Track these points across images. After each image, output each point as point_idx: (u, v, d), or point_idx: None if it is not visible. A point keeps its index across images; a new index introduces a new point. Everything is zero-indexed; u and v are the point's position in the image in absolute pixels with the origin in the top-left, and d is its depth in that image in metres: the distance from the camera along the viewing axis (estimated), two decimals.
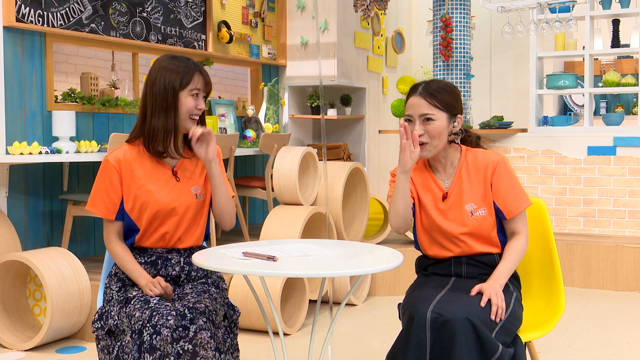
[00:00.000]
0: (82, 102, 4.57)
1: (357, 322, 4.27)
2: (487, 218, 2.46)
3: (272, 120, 6.16)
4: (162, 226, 2.46)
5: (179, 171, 2.51)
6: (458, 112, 2.50)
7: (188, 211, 2.48)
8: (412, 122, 2.46)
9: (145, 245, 2.49)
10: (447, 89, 2.48)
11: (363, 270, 2.21)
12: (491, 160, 2.48)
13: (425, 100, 2.44)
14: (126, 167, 2.45)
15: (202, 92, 2.49)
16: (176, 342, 2.18)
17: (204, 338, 2.21)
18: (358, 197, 5.02)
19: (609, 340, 3.89)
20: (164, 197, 2.45)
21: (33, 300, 3.95)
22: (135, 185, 2.44)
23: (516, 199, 2.45)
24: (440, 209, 2.49)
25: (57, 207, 4.51)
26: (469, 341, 2.16)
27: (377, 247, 2.54)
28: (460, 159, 2.53)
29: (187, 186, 2.50)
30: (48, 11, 4.35)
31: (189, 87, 2.45)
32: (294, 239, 2.96)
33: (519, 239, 2.47)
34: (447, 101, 2.46)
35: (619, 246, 5.12)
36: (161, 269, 2.49)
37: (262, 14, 6.27)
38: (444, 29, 5.81)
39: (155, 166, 2.48)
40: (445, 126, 2.45)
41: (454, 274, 2.52)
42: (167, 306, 2.25)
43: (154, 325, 2.19)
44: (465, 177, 2.49)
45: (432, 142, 2.45)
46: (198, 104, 2.46)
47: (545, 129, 6.01)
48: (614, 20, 6.11)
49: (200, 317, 2.23)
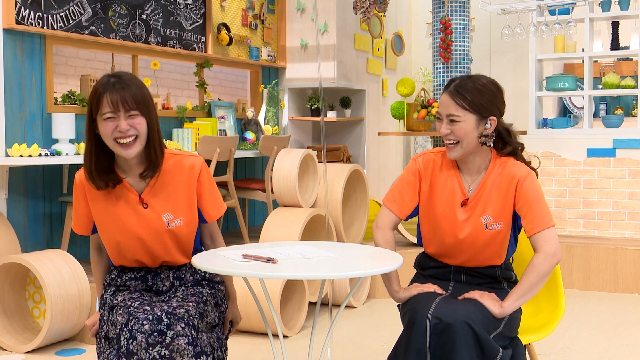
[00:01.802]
0: (82, 104, 4.57)
1: (357, 325, 4.27)
2: (501, 233, 2.38)
3: (271, 123, 6.16)
4: (132, 254, 2.32)
5: (147, 197, 2.30)
6: (491, 113, 2.35)
7: (159, 239, 2.30)
8: (441, 119, 2.38)
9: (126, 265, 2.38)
10: (482, 89, 2.34)
11: (363, 272, 2.21)
12: (518, 175, 2.36)
13: (453, 100, 2.34)
14: (89, 191, 2.31)
15: (119, 112, 2.19)
16: (152, 347, 2.07)
17: (181, 344, 2.08)
18: (358, 199, 5.02)
19: (608, 343, 3.89)
20: (128, 228, 2.28)
21: (32, 302, 3.94)
22: (97, 208, 2.31)
23: (536, 218, 2.32)
24: (456, 214, 2.40)
25: (56, 209, 4.51)
26: (469, 345, 2.16)
27: (376, 249, 2.54)
28: (489, 166, 2.41)
29: (156, 213, 2.29)
30: (48, 13, 4.35)
31: (99, 112, 2.20)
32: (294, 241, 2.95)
33: (535, 258, 2.31)
34: (477, 102, 2.33)
35: (618, 248, 5.12)
36: (152, 285, 2.38)
37: (261, 16, 6.27)
38: (444, 31, 5.81)
39: (119, 195, 2.29)
40: (473, 128, 2.34)
41: (453, 280, 2.50)
42: (145, 310, 2.14)
43: (130, 330, 2.09)
44: (489, 187, 2.38)
45: (461, 143, 2.35)
46: (118, 126, 2.18)
47: (544, 131, 6.01)
48: (613, 23, 6.11)
49: (178, 323, 2.11)
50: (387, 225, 2.52)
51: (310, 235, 4.57)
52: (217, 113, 5.72)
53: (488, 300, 2.29)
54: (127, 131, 2.19)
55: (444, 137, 2.38)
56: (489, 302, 2.29)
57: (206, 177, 2.37)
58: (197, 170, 2.35)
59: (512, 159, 2.41)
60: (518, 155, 2.44)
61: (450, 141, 2.37)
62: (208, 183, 2.38)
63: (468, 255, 2.44)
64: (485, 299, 2.29)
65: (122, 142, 2.20)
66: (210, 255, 2.36)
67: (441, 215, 2.43)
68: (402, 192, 2.51)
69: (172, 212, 2.31)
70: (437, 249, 2.50)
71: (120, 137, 2.20)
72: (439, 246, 2.48)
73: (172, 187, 2.32)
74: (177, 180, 2.33)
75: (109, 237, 2.33)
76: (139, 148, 2.24)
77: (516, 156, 2.43)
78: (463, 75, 2.44)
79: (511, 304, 2.30)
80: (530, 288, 2.31)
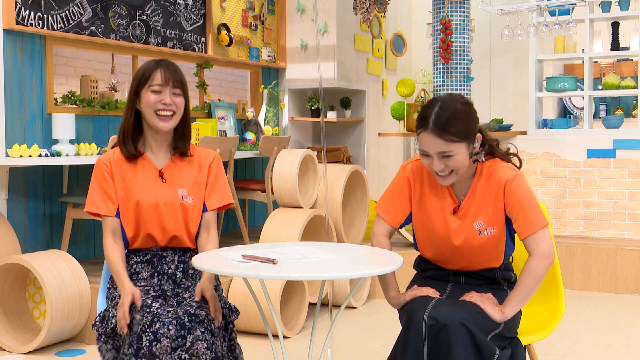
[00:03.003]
0: (82, 104, 4.57)
1: (357, 325, 4.27)
2: (495, 237, 2.37)
3: (271, 123, 6.16)
4: (147, 223, 2.49)
5: (166, 173, 2.54)
6: (475, 133, 2.30)
7: (173, 210, 2.50)
8: (430, 156, 2.29)
9: (137, 247, 2.53)
10: (460, 116, 2.26)
11: (363, 272, 2.21)
12: (505, 178, 2.33)
13: (440, 139, 2.23)
14: (116, 166, 2.52)
15: (167, 87, 2.48)
16: (174, 351, 2.20)
17: (199, 349, 2.21)
18: (358, 200, 5.02)
19: (608, 343, 3.89)
20: (148, 194, 2.49)
21: (32, 302, 3.94)
22: (123, 184, 2.51)
23: (527, 220, 2.30)
24: (448, 222, 2.40)
25: (56, 209, 4.51)
26: (465, 346, 2.16)
27: (376, 249, 2.54)
28: (476, 172, 2.39)
29: (172, 187, 2.52)
30: (48, 14, 4.35)
31: (148, 83, 2.47)
32: (294, 242, 2.96)
33: (529, 262, 2.30)
34: (463, 131, 2.25)
35: (618, 249, 5.12)
36: (157, 267, 2.52)
37: (261, 17, 6.27)
38: (444, 31, 5.82)
39: (142, 167, 2.53)
40: (466, 154, 2.28)
41: (452, 281, 2.50)
42: (168, 312, 2.26)
43: (155, 332, 2.20)
44: (479, 192, 2.37)
45: (455, 171, 2.30)
46: (162, 99, 2.46)
47: (544, 132, 6.01)
48: (613, 23, 6.12)
49: (198, 327, 2.24)
50: (383, 233, 2.52)
51: (310, 236, 4.57)
52: (217, 113, 5.72)
53: (489, 306, 2.28)
54: (170, 105, 2.47)
55: (438, 172, 2.31)
56: (490, 308, 2.28)
57: (216, 169, 2.61)
58: (210, 160, 2.60)
59: (497, 160, 2.39)
60: (496, 151, 2.41)
61: (444, 172, 2.31)
62: (216, 174, 2.60)
63: (466, 261, 2.44)
64: (485, 305, 2.28)
65: (162, 114, 2.47)
66: (210, 255, 2.37)
67: (434, 223, 2.42)
68: (394, 202, 2.50)
69: (187, 189, 2.53)
70: (434, 255, 2.50)
71: (162, 109, 2.47)
72: (436, 252, 2.48)
73: (187, 170, 2.56)
74: (193, 167, 2.58)
75: (129, 206, 2.49)
76: (174, 123, 2.51)
77: (495, 153, 2.41)
78: (429, 103, 2.32)
79: (511, 310, 2.30)
80: (527, 292, 2.31)
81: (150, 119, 2.48)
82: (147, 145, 2.56)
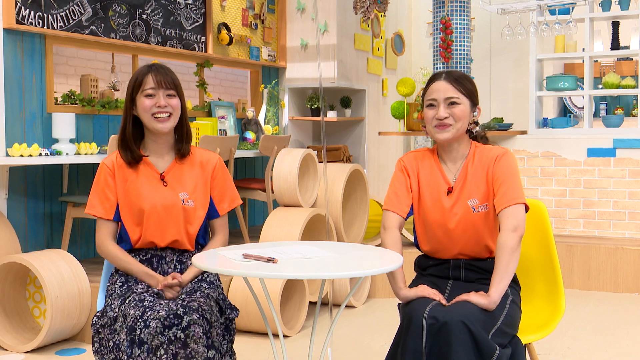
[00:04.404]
0: (82, 104, 4.57)
1: (357, 324, 4.27)
2: (489, 214, 2.45)
3: (272, 122, 6.16)
4: (148, 227, 2.52)
5: (167, 176, 2.57)
6: (477, 102, 2.54)
7: (173, 213, 2.53)
8: (435, 106, 2.48)
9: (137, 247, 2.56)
10: (468, 78, 2.52)
11: (363, 272, 2.21)
12: (497, 153, 2.48)
13: (451, 85, 2.47)
14: (119, 170, 2.56)
15: (160, 90, 2.51)
16: (168, 329, 2.20)
17: (196, 332, 2.22)
18: (358, 199, 5.02)
19: (608, 343, 3.89)
20: (149, 198, 2.52)
21: (33, 302, 3.94)
22: (125, 187, 2.55)
23: (504, 195, 2.38)
24: (443, 203, 2.48)
25: (56, 209, 4.51)
26: (465, 344, 2.16)
27: (376, 248, 2.54)
28: (469, 153, 2.52)
29: (174, 191, 2.55)
30: (48, 13, 4.35)
31: (141, 88, 2.51)
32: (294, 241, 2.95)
33: (499, 237, 2.35)
34: (469, 89, 2.50)
35: (618, 248, 5.12)
36: (157, 267, 2.54)
37: (262, 16, 6.27)
38: (444, 31, 5.81)
39: (144, 171, 2.56)
40: (469, 112, 2.49)
41: (452, 277, 2.51)
42: (160, 305, 2.28)
43: (145, 320, 2.23)
44: (471, 172, 2.48)
45: (455, 125, 2.46)
46: (157, 102, 2.50)
47: (545, 131, 6.01)
48: (613, 22, 6.11)
49: (193, 313, 2.25)
50: (394, 225, 2.54)
51: (310, 235, 4.57)
52: (217, 113, 5.72)
53: (475, 297, 2.29)
54: (165, 107, 2.51)
55: (440, 121, 2.46)
56: (476, 297, 2.29)
57: (220, 173, 2.64)
58: (213, 165, 2.63)
59: (488, 145, 2.55)
60: (479, 136, 2.60)
61: (444, 124, 2.46)
62: (222, 178, 2.64)
63: (461, 244, 2.47)
64: (472, 297, 2.29)
65: (159, 116, 2.51)
66: (210, 255, 2.38)
67: (430, 206, 2.50)
68: (397, 192, 2.56)
69: (188, 193, 2.56)
70: (431, 244, 2.53)
71: (158, 112, 2.50)
72: (431, 240, 2.52)
73: (189, 174, 2.59)
74: (194, 169, 2.60)
75: (131, 209, 2.52)
76: (172, 124, 2.55)
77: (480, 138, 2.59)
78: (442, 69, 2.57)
79: (495, 291, 2.30)
80: (505, 268, 2.33)
81: (149, 122, 2.52)
82: (149, 148, 2.60)
